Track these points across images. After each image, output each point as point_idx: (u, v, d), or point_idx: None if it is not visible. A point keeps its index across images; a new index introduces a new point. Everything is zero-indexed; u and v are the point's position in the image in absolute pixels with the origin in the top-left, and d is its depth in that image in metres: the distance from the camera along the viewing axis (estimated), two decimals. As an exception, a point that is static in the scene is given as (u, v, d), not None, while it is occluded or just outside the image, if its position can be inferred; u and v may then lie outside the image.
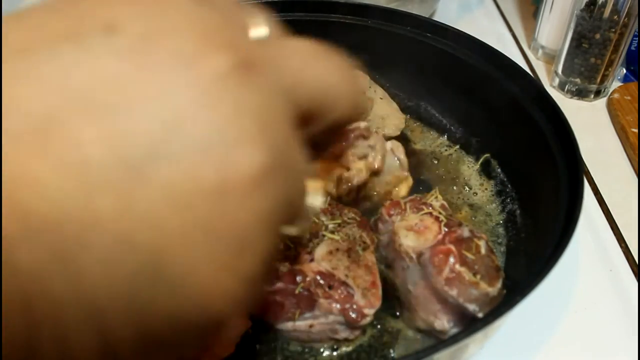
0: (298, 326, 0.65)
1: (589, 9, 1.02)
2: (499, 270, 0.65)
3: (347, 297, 0.65)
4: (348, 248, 0.69)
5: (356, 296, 0.65)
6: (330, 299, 0.64)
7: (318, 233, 0.70)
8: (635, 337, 0.72)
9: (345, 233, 0.71)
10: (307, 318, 0.65)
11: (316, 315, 0.65)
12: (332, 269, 0.66)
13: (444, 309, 0.65)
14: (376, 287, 0.66)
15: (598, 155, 0.99)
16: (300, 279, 0.65)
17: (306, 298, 0.64)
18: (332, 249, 0.68)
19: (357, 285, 0.65)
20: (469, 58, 0.93)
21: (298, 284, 0.65)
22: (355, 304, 0.64)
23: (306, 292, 0.64)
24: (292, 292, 0.65)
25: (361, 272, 0.67)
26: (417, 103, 1.04)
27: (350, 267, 0.67)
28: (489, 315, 0.56)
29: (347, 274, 0.66)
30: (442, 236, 0.66)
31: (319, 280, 0.65)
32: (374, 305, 0.65)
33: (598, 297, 0.77)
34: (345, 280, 0.65)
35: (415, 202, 0.73)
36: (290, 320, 0.65)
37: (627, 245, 0.84)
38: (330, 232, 0.70)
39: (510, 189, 0.86)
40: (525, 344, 0.72)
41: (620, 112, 1.06)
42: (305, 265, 0.66)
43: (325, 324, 0.65)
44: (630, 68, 1.18)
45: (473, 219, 0.83)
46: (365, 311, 0.64)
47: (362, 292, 0.65)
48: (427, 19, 1.00)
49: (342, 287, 0.65)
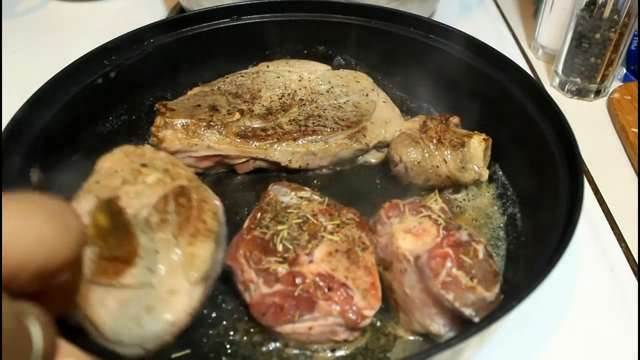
0: (297, 328, 0.65)
1: (589, 8, 1.02)
2: (496, 275, 0.65)
3: (346, 298, 0.64)
4: (347, 249, 0.68)
5: (356, 297, 0.64)
6: (329, 301, 0.64)
7: (317, 234, 0.69)
8: (635, 337, 0.72)
9: (344, 234, 0.70)
10: (306, 320, 0.65)
11: (315, 317, 0.65)
12: (332, 271, 0.66)
13: (440, 313, 0.65)
14: (376, 289, 0.66)
15: (598, 155, 0.99)
16: (300, 280, 0.65)
17: (306, 300, 0.64)
18: (331, 250, 0.68)
19: (356, 287, 0.65)
20: (470, 59, 0.93)
21: (297, 285, 0.65)
22: (355, 305, 0.64)
23: (306, 294, 0.64)
24: (291, 294, 0.65)
25: (361, 273, 0.67)
26: (419, 105, 1.04)
27: (349, 268, 0.67)
28: (484, 320, 0.56)
29: (346, 275, 0.66)
30: (440, 239, 0.66)
31: (319, 282, 0.65)
32: (374, 306, 0.65)
33: (598, 297, 0.78)
34: (344, 281, 0.65)
35: (414, 204, 0.72)
36: (289, 322, 0.65)
37: (627, 245, 0.85)
38: (329, 233, 0.70)
39: (512, 192, 0.86)
40: (526, 343, 0.72)
41: (620, 112, 1.07)
42: (304, 267, 0.66)
43: (325, 326, 0.65)
44: (630, 68, 1.18)
45: (474, 222, 0.84)
46: (365, 312, 0.64)
47: (362, 293, 0.65)
48: (428, 20, 1.00)
49: (342, 289, 0.65)
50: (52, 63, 0.88)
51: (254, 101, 0.94)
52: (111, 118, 0.94)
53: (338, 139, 0.90)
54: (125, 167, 0.76)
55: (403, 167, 0.86)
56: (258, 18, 1.02)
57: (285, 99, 0.95)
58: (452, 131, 0.88)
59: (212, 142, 0.87)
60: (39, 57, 1.25)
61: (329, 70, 1.02)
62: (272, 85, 0.97)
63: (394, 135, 0.91)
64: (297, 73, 1.00)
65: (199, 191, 0.77)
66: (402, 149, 0.86)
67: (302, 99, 0.95)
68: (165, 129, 0.88)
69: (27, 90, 0.80)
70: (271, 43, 1.06)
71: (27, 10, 1.43)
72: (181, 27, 0.99)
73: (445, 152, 0.84)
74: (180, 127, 0.88)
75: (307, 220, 0.71)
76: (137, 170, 0.76)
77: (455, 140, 0.85)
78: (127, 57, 0.93)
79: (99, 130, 0.92)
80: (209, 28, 1.00)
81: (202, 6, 1.07)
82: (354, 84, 0.99)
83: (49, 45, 1.30)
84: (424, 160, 0.85)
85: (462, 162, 0.84)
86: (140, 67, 0.94)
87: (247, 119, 0.91)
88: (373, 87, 0.99)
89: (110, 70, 0.91)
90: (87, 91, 0.87)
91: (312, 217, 0.71)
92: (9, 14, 1.41)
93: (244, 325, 0.70)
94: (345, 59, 1.07)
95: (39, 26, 1.38)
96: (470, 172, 0.85)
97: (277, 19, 1.03)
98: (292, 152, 0.88)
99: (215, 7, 1.00)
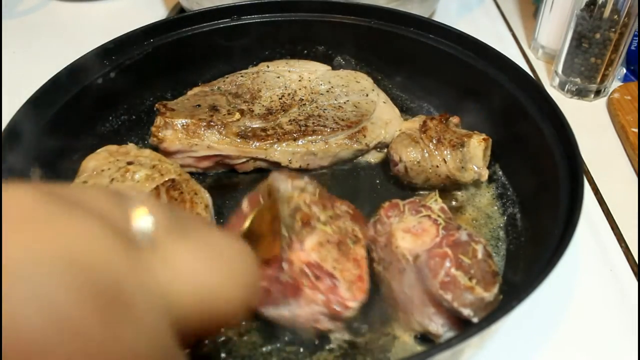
0: (283, 313, 0.66)
1: (589, 8, 1.02)
2: (496, 275, 0.65)
3: (332, 288, 0.65)
4: (339, 240, 0.69)
5: (341, 288, 0.65)
6: (315, 290, 0.64)
7: (310, 222, 0.69)
8: (635, 337, 0.72)
9: (337, 226, 0.70)
10: (291, 306, 0.65)
11: (301, 304, 0.65)
12: (320, 260, 0.66)
13: (439, 312, 0.65)
14: (362, 281, 0.66)
15: (598, 155, 0.99)
16: (287, 267, 0.65)
17: (292, 286, 0.64)
18: (322, 240, 0.68)
19: (343, 278, 0.65)
20: (470, 59, 0.93)
21: (284, 271, 0.65)
22: (340, 296, 0.64)
23: (292, 280, 0.64)
24: (278, 279, 0.65)
25: (349, 266, 0.67)
26: (419, 105, 1.05)
27: (338, 260, 0.67)
28: (484, 321, 0.56)
29: (334, 266, 0.66)
30: (440, 239, 0.66)
31: (306, 270, 0.65)
32: (358, 298, 0.65)
33: (598, 297, 0.78)
34: (332, 272, 0.65)
35: (414, 204, 0.72)
36: (275, 307, 0.65)
37: (627, 245, 0.85)
38: (323, 223, 0.70)
39: (512, 192, 0.86)
40: (526, 343, 0.72)
41: (620, 112, 1.06)
42: (294, 254, 0.66)
43: (309, 314, 0.65)
44: (630, 68, 1.18)
45: (474, 222, 0.84)
46: (348, 304, 0.64)
47: (348, 285, 0.65)
48: (428, 20, 1.00)
49: (328, 279, 0.65)
50: (52, 63, 0.88)
51: (254, 101, 0.94)
52: (111, 118, 0.94)
53: (338, 139, 0.90)
54: (111, 165, 0.77)
55: (403, 166, 0.86)
56: (258, 18, 1.02)
57: (285, 99, 0.95)
58: (452, 131, 0.88)
59: (212, 142, 0.88)
60: (39, 57, 1.25)
61: (329, 70, 1.02)
62: (272, 85, 0.97)
63: (394, 136, 0.91)
64: (297, 73, 1.00)
65: (189, 184, 0.77)
66: (402, 149, 0.86)
67: (302, 99, 0.95)
68: (165, 129, 0.88)
69: (27, 90, 0.81)
70: (271, 43, 1.06)
71: (27, 10, 1.43)
72: (181, 27, 0.99)
73: (445, 152, 0.84)
74: (180, 127, 0.88)
75: (300, 209, 0.71)
76: (124, 168, 0.76)
77: (455, 140, 0.85)
78: (127, 57, 0.93)
79: (99, 130, 0.92)
80: (209, 28, 1.00)
81: (202, 6, 1.07)
82: (354, 84, 0.99)
83: (49, 45, 1.30)
84: (424, 160, 0.85)
85: (462, 162, 0.84)
86: (140, 67, 0.94)
87: (247, 119, 0.91)
88: (373, 87, 0.99)
89: (110, 70, 0.91)
90: (87, 91, 0.87)
91: (306, 207, 0.71)
92: (9, 14, 1.41)
93: (243, 324, 0.70)
94: (345, 59, 1.07)
95: (39, 26, 1.38)
96: (469, 172, 0.85)
97: (277, 19, 1.03)
98: (292, 153, 0.88)
99: (215, 7, 1.00)
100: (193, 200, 0.73)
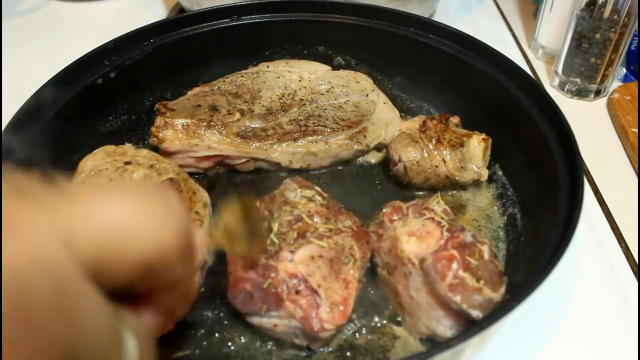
0: (264, 322, 0.65)
1: (589, 8, 1.02)
2: (502, 275, 0.65)
3: (312, 306, 0.63)
4: (332, 257, 0.66)
5: (322, 308, 0.62)
6: (294, 304, 0.63)
7: (306, 233, 0.68)
8: (635, 337, 0.72)
9: (335, 241, 0.68)
10: (272, 316, 0.64)
11: (281, 316, 0.64)
12: (307, 275, 0.64)
13: (446, 315, 0.65)
14: (346, 305, 0.63)
15: (598, 155, 0.99)
16: (271, 274, 0.64)
17: (273, 296, 0.63)
18: (314, 254, 0.66)
19: (326, 297, 0.63)
20: (470, 59, 0.93)
21: (267, 278, 0.64)
22: (318, 315, 0.62)
23: (274, 289, 0.63)
24: (261, 285, 0.64)
25: (336, 286, 0.64)
26: (419, 105, 1.05)
27: (327, 277, 0.64)
28: (484, 321, 0.56)
29: (320, 283, 0.63)
30: (445, 242, 0.66)
31: (289, 282, 0.63)
32: (337, 322, 0.62)
33: (598, 297, 0.78)
34: (316, 289, 0.63)
35: (417, 207, 0.72)
36: (256, 314, 0.65)
37: (627, 245, 0.85)
38: (318, 237, 0.67)
39: (512, 192, 0.86)
40: (526, 343, 0.72)
41: (620, 112, 1.06)
42: (281, 263, 0.65)
43: (288, 327, 0.65)
44: (630, 68, 1.18)
45: (474, 222, 0.84)
46: (326, 325, 0.62)
47: (330, 305, 0.63)
48: (428, 20, 1.00)
49: (310, 296, 0.63)
50: (52, 63, 0.88)
51: (254, 101, 0.94)
52: (111, 118, 0.94)
53: (338, 139, 0.90)
54: (108, 165, 0.77)
55: (402, 166, 0.86)
56: (258, 18, 1.02)
57: (285, 99, 0.95)
58: (452, 131, 0.88)
59: (213, 142, 0.87)
60: (39, 57, 1.25)
61: (329, 70, 1.02)
62: (272, 86, 0.97)
63: (394, 137, 0.91)
64: (297, 73, 1.00)
65: (187, 183, 0.77)
66: (402, 149, 0.86)
67: (302, 99, 0.95)
68: (165, 129, 0.88)
69: (27, 90, 0.81)
70: (271, 43, 1.06)
71: (27, 10, 1.43)
72: (181, 27, 0.99)
73: (444, 151, 0.84)
74: (181, 127, 0.88)
75: (300, 219, 0.70)
76: (122, 168, 0.76)
77: (455, 140, 0.85)
78: (127, 57, 0.93)
79: (99, 130, 0.92)
80: (209, 28, 1.00)
81: (202, 6, 1.07)
82: (354, 84, 0.99)
83: (49, 45, 1.30)
84: (423, 159, 0.85)
85: (462, 162, 0.84)
86: (140, 67, 0.94)
87: (248, 119, 0.91)
88: (373, 87, 0.99)
89: (110, 70, 0.91)
90: (87, 91, 0.87)
91: (307, 218, 0.70)
92: (9, 14, 1.41)
93: (243, 325, 0.70)
94: (345, 59, 1.07)
95: (39, 26, 1.38)
96: (469, 172, 0.85)
97: (277, 19, 1.03)
98: (292, 153, 0.88)
99: (215, 7, 1.00)
100: (192, 199, 0.73)
